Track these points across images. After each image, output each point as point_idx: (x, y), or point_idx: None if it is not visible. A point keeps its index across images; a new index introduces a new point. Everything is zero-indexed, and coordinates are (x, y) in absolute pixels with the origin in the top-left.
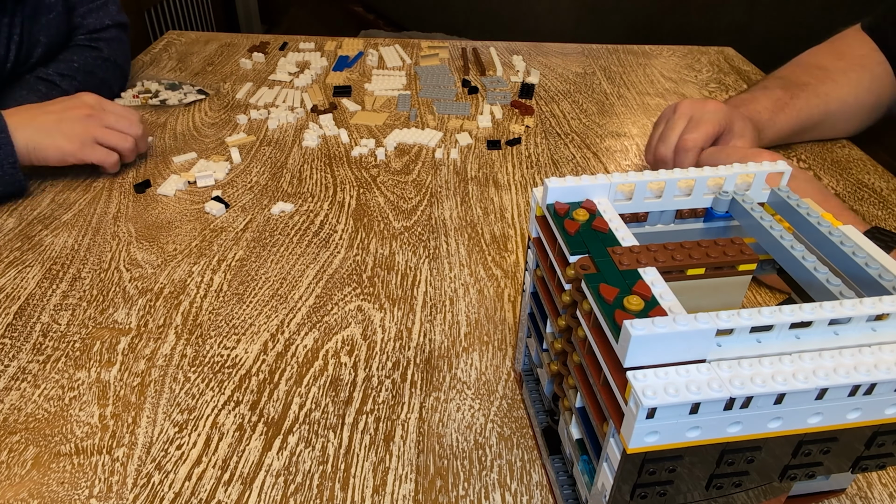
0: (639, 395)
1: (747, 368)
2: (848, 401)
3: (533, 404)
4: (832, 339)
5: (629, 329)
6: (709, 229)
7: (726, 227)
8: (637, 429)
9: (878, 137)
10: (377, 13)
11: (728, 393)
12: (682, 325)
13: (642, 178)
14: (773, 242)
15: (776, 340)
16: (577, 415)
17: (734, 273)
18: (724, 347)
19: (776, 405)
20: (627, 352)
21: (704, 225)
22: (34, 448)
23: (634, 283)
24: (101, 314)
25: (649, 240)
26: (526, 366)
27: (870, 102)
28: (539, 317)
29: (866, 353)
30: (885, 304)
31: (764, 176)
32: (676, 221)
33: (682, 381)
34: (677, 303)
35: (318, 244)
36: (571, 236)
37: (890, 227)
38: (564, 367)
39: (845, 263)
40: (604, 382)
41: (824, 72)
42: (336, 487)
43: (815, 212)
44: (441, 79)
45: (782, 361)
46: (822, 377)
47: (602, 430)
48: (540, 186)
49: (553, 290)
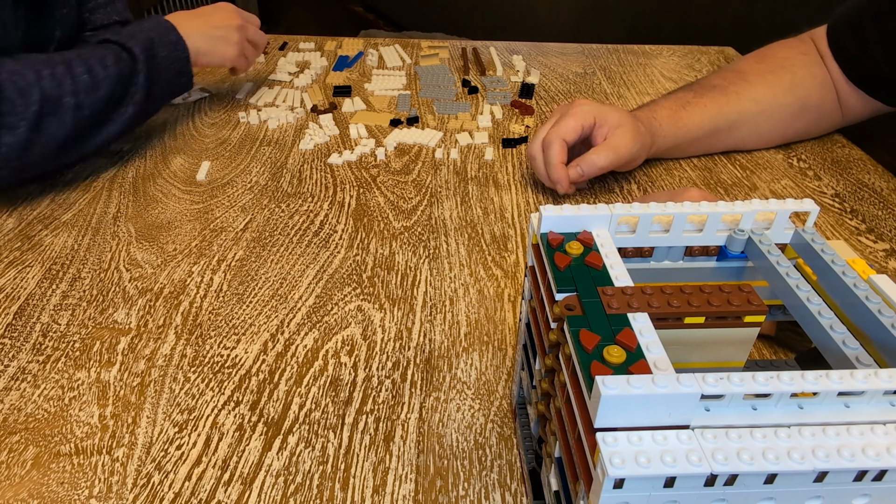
0: (605, 462)
1: (735, 440)
2: (853, 486)
3: (523, 441)
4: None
5: (600, 387)
6: (721, 270)
7: (741, 268)
8: (604, 498)
9: (879, 137)
10: (377, 13)
11: (709, 468)
12: (662, 386)
13: (647, 210)
14: (788, 292)
15: (775, 409)
16: (556, 465)
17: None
18: (712, 413)
19: (767, 485)
20: (598, 411)
21: (717, 264)
22: (34, 448)
23: (621, 329)
24: (101, 314)
25: (653, 277)
26: (520, 399)
27: (790, 103)
28: (531, 350)
29: (879, 432)
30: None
31: (787, 214)
32: (686, 259)
33: (657, 449)
34: (665, 357)
35: (318, 244)
36: (560, 271)
37: (890, 227)
38: (549, 410)
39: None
40: (578, 438)
41: (739, 74)
42: (336, 487)
43: (840, 259)
44: (441, 79)
45: (778, 435)
46: (821, 458)
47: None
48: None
49: (542, 326)
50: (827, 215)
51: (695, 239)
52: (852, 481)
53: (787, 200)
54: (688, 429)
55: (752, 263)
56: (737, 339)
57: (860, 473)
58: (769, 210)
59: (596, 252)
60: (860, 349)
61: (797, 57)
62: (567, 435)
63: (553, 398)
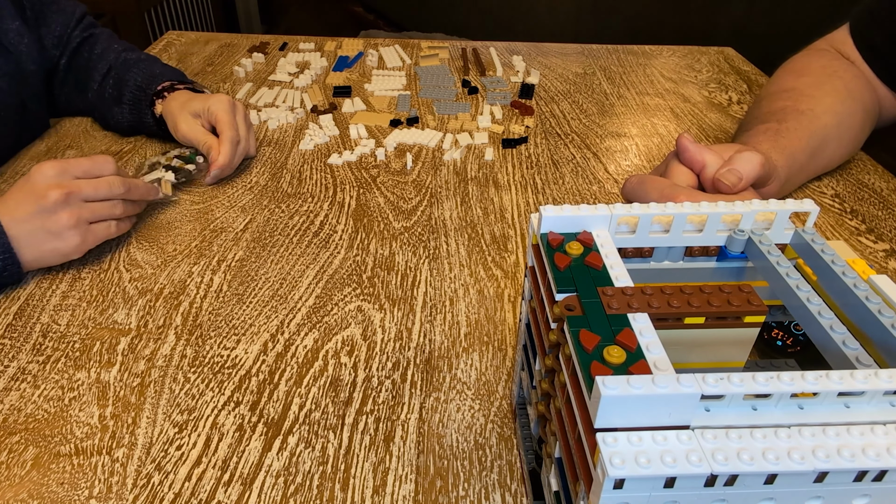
0: (605, 462)
1: (735, 441)
2: (853, 486)
3: (523, 441)
4: (841, 413)
5: (600, 387)
6: (721, 270)
7: (741, 268)
8: (604, 499)
9: (879, 137)
10: (377, 13)
11: (709, 469)
12: (662, 387)
13: (647, 210)
14: (788, 292)
15: (775, 409)
16: (556, 465)
17: (739, 325)
18: (712, 413)
19: (767, 485)
20: (598, 411)
21: (717, 264)
22: (34, 449)
23: (621, 330)
24: (101, 314)
25: (653, 278)
26: (520, 399)
27: (856, 109)
28: (531, 351)
29: (879, 432)
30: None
31: (787, 215)
32: (686, 259)
33: (657, 449)
34: (665, 358)
35: (317, 244)
36: (560, 272)
37: (890, 227)
38: (549, 410)
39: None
40: (578, 438)
41: (797, 92)
42: (336, 488)
43: (840, 259)
44: (441, 79)
45: (778, 435)
46: (821, 459)
47: (574, 489)
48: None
49: (542, 326)
50: (827, 215)
51: (695, 239)
52: (852, 482)
53: (787, 201)
54: (688, 429)
55: (752, 264)
56: (737, 340)
57: (860, 474)
58: (769, 210)
59: (596, 252)
60: (860, 349)
61: (833, 63)
62: (567, 435)
63: (553, 398)
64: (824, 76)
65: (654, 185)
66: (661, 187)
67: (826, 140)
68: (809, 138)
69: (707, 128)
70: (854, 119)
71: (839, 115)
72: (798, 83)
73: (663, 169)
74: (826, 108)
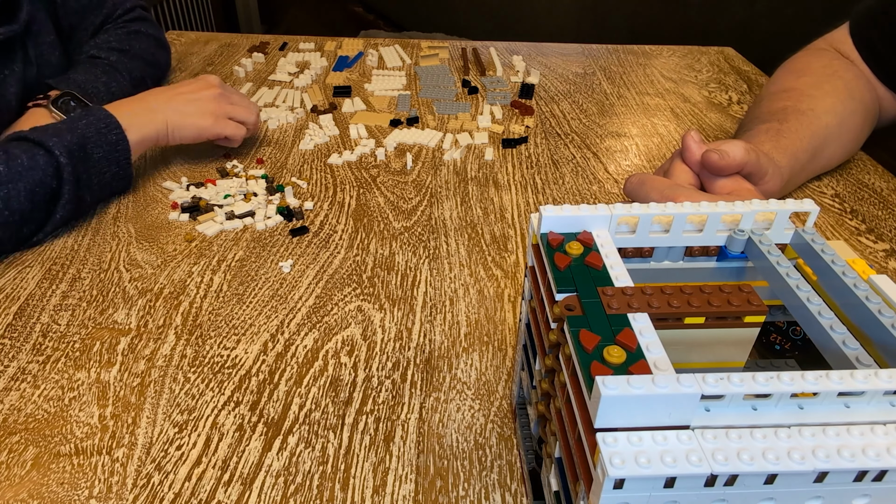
0: (605, 462)
1: (735, 441)
2: (853, 486)
3: (523, 441)
4: (841, 413)
5: (600, 387)
6: (721, 270)
7: (741, 268)
8: (604, 499)
9: (879, 137)
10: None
11: (709, 468)
12: (662, 387)
13: (647, 210)
14: (788, 292)
15: (775, 409)
16: (556, 465)
17: (739, 325)
18: (712, 413)
19: (767, 485)
20: (598, 411)
21: (717, 264)
22: (34, 448)
23: (621, 330)
24: (101, 314)
25: (653, 277)
26: (520, 399)
27: (857, 109)
28: (531, 351)
29: (879, 432)
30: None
31: (787, 214)
32: (686, 259)
33: (657, 449)
34: (665, 358)
35: (317, 244)
36: (560, 271)
37: (890, 227)
38: (549, 410)
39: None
40: (578, 438)
41: (797, 92)
42: (336, 488)
43: (840, 259)
44: (441, 79)
45: (778, 436)
46: (821, 459)
47: (574, 489)
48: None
49: (542, 326)
50: (827, 215)
51: (695, 239)
52: (852, 482)
53: (787, 200)
54: (688, 429)
55: (752, 263)
56: (737, 340)
57: (860, 474)
58: (769, 210)
59: (596, 252)
60: (860, 349)
61: (834, 63)
62: (567, 435)
63: (553, 398)
64: (825, 76)
65: (655, 185)
66: (661, 187)
67: (827, 140)
68: (811, 138)
69: (707, 128)
70: (854, 119)
71: (840, 115)
72: (798, 83)
73: (667, 167)
74: (827, 108)
